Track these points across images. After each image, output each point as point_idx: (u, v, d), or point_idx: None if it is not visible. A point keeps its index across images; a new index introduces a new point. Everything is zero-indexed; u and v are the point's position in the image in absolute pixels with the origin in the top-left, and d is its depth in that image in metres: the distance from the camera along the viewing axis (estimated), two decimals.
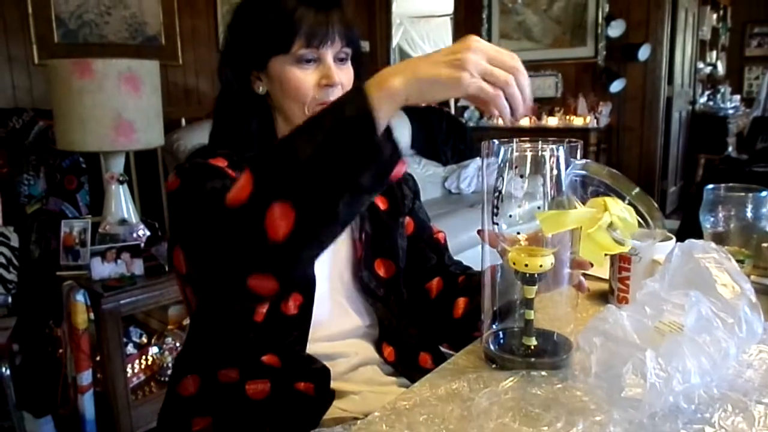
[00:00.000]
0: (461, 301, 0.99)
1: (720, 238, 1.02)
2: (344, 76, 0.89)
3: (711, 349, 0.65)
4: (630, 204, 0.73)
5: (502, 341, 0.81)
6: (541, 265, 0.72)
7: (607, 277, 1.02)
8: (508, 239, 0.74)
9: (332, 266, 0.96)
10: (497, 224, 0.72)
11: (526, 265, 0.72)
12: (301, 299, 0.88)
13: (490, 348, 0.79)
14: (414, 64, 0.64)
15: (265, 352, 0.88)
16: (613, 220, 0.71)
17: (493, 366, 0.78)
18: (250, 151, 0.90)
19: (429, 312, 1.04)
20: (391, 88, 0.64)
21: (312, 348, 0.90)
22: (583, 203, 0.74)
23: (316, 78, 0.87)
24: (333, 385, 0.89)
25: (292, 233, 0.63)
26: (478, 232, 0.78)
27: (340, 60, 0.90)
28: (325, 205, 0.63)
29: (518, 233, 0.72)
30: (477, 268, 0.91)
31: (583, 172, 0.72)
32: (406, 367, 0.97)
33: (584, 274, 0.82)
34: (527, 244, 0.75)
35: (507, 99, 0.65)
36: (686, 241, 0.78)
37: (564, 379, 0.73)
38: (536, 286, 0.74)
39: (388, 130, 0.65)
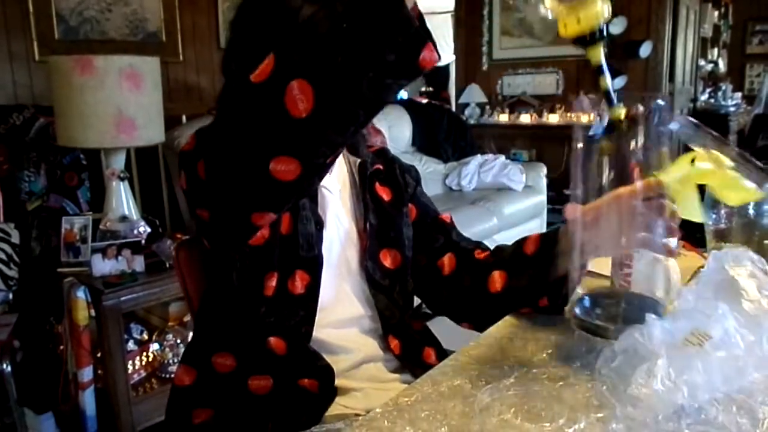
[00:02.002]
0: (498, 275, 0.96)
1: (722, 235, 1.01)
2: None
3: (726, 367, 0.64)
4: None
5: (590, 307, 0.77)
6: (596, 16, 0.60)
7: (609, 273, 1.02)
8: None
9: (340, 252, 0.97)
10: None
11: (579, 21, 0.61)
12: (308, 279, 0.89)
13: (580, 315, 0.76)
14: None
15: (271, 332, 0.88)
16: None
17: (582, 333, 0.75)
18: None
19: (443, 289, 1.03)
20: None
21: (318, 334, 0.91)
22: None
23: None
24: (336, 382, 0.89)
25: (315, 110, 0.62)
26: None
27: None
28: (348, 83, 0.61)
29: None
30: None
31: (687, 129, 0.67)
32: (411, 361, 0.97)
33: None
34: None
35: None
36: (723, 250, 0.76)
37: (566, 377, 0.73)
38: (602, 47, 0.63)
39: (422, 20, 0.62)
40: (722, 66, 7.17)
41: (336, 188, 0.99)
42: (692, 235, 0.79)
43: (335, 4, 0.61)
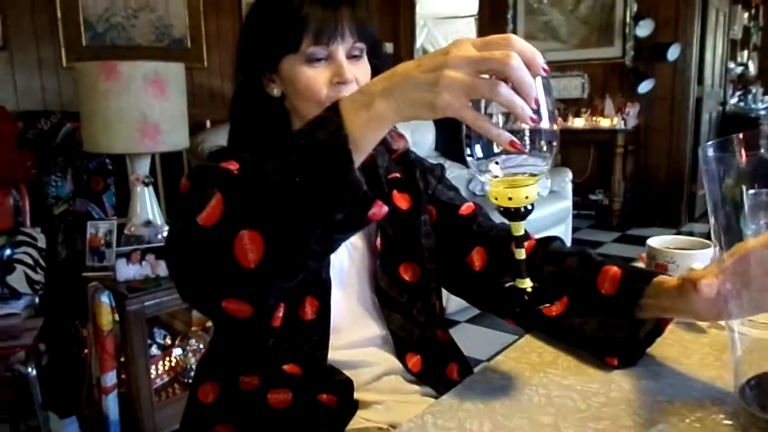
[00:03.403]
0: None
1: None
2: (359, 72, 0.86)
3: None
4: None
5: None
6: (526, 197, 0.62)
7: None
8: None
9: (352, 273, 0.93)
10: (471, 155, 0.62)
11: (510, 199, 0.63)
12: (317, 304, 0.86)
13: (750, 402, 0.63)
14: (397, 83, 0.57)
15: (286, 360, 0.86)
16: None
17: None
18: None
19: (478, 286, 0.96)
20: (377, 113, 0.58)
21: (334, 356, 0.88)
22: None
23: (328, 76, 0.84)
24: (356, 395, 0.86)
25: (263, 262, 0.61)
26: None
27: (353, 57, 0.86)
28: (295, 239, 0.60)
29: (496, 163, 0.62)
30: None
31: None
32: (432, 377, 0.94)
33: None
34: None
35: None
36: None
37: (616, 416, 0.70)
38: (524, 222, 0.66)
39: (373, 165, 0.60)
40: (752, 68, 7.02)
41: None
42: None
43: (289, 155, 0.60)
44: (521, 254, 0.68)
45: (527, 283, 0.68)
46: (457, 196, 1.03)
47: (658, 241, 0.94)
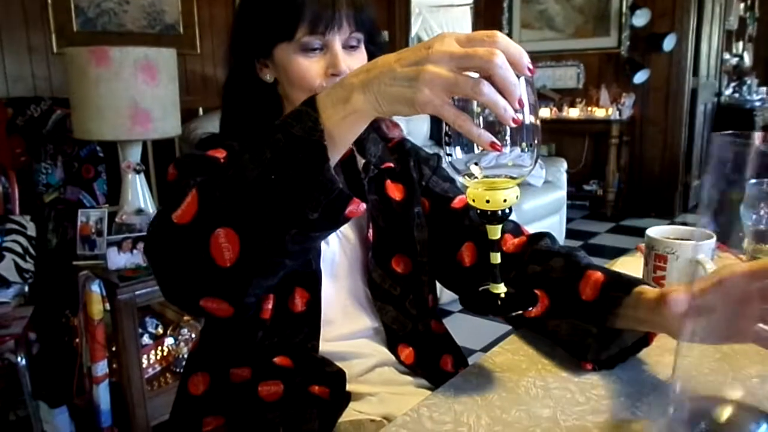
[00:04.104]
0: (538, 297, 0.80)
1: (763, 236, 0.96)
2: (355, 64, 0.83)
3: None
4: None
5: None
6: (505, 200, 0.61)
7: (640, 276, 0.97)
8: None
9: (343, 264, 0.91)
10: (450, 155, 0.60)
11: (488, 201, 0.61)
12: (307, 296, 0.85)
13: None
14: (376, 76, 0.55)
15: (276, 352, 0.85)
16: None
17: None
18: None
19: (467, 282, 0.93)
20: (354, 107, 0.56)
21: (325, 347, 0.87)
22: None
23: (323, 66, 0.82)
24: (349, 386, 0.85)
25: (239, 260, 0.60)
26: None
27: (350, 47, 0.84)
28: (271, 238, 0.59)
29: (476, 163, 0.60)
30: None
31: None
32: (426, 369, 0.92)
33: None
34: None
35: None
36: None
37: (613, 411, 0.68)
38: (501, 226, 0.65)
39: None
40: (747, 60, 7.01)
41: None
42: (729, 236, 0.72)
43: (264, 150, 0.58)
44: (496, 258, 0.67)
45: (501, 289, 0.67)
46: (452, 188, 1.00)
47: (657, 231, 0.92)
